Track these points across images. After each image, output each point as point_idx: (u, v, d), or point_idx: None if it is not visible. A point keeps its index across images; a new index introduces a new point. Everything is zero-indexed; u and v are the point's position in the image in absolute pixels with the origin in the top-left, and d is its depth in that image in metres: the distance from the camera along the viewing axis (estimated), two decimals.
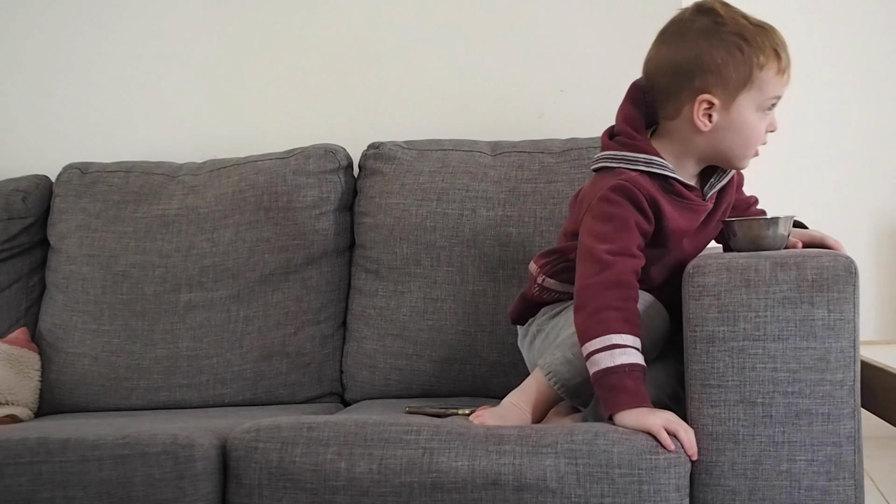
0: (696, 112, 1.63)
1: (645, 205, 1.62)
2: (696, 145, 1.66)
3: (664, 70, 1.66)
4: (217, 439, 1.58)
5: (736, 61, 1.61)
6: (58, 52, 2.55)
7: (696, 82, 1.62)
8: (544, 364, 1.66)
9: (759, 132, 1.66)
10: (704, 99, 1.62)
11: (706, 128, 1.63)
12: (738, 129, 1.64)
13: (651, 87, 1.69)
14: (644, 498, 1.45)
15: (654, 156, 1.65)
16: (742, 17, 1.65)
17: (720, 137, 1.65)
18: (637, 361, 1.52)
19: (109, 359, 2.21)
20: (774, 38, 1.65)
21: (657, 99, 1.68)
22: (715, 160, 1.69)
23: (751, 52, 1.62)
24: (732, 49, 1.62)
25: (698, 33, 1.63)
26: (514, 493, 1.46)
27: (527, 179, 2.16)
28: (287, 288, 2.21)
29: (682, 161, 1.68)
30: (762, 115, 1.66)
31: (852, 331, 1.49)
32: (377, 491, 1.48)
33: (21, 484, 1.53)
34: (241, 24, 2.52)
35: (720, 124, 1.63)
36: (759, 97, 1.64)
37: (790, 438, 1.49)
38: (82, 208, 2.31)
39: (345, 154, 2.29)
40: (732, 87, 1.62)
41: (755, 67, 1.62)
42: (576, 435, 1.48)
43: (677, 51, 1.65)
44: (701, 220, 1.70)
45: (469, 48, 2.45)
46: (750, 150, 1.67)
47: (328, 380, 2.20)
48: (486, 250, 2.13)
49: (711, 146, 1.66)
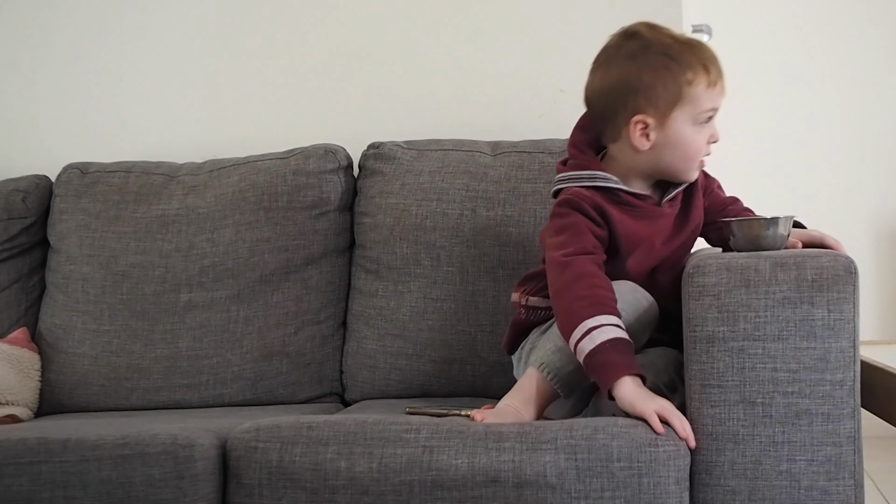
0: (633, 133, 1.69)
1: (592, 212, 1.69)
2: (639, 163, 1.73)
3: (599, 96, 1.73)
4: (217, 439, 1.57)
5: (664, 80, 1.67)
6: (58, 53, 2.55)
7: (630, 105, 1.69)
8: (536, 358, 1.66)
9: (699, 145, 1.71)
10: (639, 120, 1.69)
11: (645, 147, 1.70)
12: (675, 144, 1.70)
13: (592, 113, 1.76)
14: (644, 491, 1.45)
15: (597, 171, 1.73)
16: (668, 36, 1.71)
17: (660, 154, 1.71)
18: (617, 336, 1.55)
19: (109, 359, 2.21)
20: (702, 54, 1.70)
21: (598, 124, 1.75)
22: (660, 175, 1.75)
23: (678, 70, 1.67)
24: (659, 69, 1.67)
25: (626, 57, 1.70)
26: (514, 490, 1.46)
27: (527, 179, 2.16)
28: (287, 288, 2.21)
29: (630, 179, 1.74)
30: (699, 128, 1.70)
31: (852, 331, 1.49)
32: (377, 490, 1.49)
33: (21, 484, 1.53)
34: (242, 25, 2.52)
35: (658, 142, 1.69)
36: (692, 112, 1.68)
37: (790, 438, 1.49)
38: (82, 208, 2.31)
39: (345, 154, 2.29)
40: (664, 106, 1.67)
41: (684, 84, 1.67)
42: (575, 430, 1.49)
43: (608, 76, 1.71)
44: (670, 225, 1.75)
45: (469, 48, 2.45)
46: (692, 163, 1.73)
47: (328, 380, 2.20)
48: (486, 250, 2.13)
49: (654, 163, 1.72)
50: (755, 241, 1.63)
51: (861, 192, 3.67)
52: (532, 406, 1.65)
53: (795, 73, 3.69)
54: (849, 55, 3.68)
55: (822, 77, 3.69)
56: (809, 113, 3.70)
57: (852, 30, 3.69)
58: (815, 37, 3.69)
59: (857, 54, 3.68)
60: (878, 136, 3.67)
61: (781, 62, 3.69)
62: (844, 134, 3.68)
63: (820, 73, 3.69)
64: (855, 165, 3.67)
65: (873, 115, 3.68)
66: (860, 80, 3.68)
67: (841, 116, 3.68)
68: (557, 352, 1.64)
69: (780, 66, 3.69)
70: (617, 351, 1.54)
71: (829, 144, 3.69)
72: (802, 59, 3.69)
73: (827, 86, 3.69)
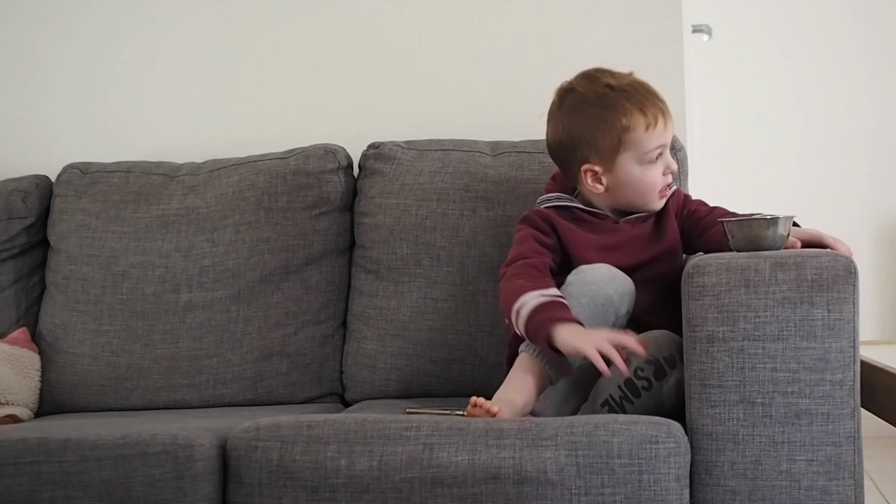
0: (585, 180, 1.82)
1: (541, 223, 1.82)
2: (603, 202, 1.85)
3: (552, 148, 1.88)
4: (217, 439, 1.58)
5: (602, 132, 1.78)
6: (58, 53, 2.55)
7: (578, 155, 1.82)
8: (524, 345, 1.69)
9: (652, 182, 1.81)
10: (587, 169, 1.81)
11: (599, 191, 1.82)
12: (628, 184, 1.81)
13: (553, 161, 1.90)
14: (644, 487, 1.46)
15: (557, 193, 1.88)
16: (604, 85, 1.81)
17: (616, 195, 1.83)
18: (539, 302, 1.64)
19: (109, 359, 2.21)
20: (638, 97, 1.79)
21: (563, 171, 1.89)
22: (626, 209, 1.86)
23: (613, 120, 1.77)
24: (595, 121, 1.79)
25: (566, 113, 1.83)
26: (514, 487, 1.46)
27: (527, 180, 2.16)
28: (287, 288, 2.21)
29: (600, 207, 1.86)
30: (649, 166, 1.80)
31: (852, 331, 1.49)
32: (378, 487, 1.49)
33: (21, 484, 1.53)
34: (242, 24, 2.52)
35: (611, 185, 1.81)
36: (636, 155, 1.79)
37: (790, 438, 1.49)
38: (82, 208, 2.31)
39: (345, 154, 2.29)
40: (607, 154, 1.79)
41: (621, 132, 1.77)
42: (576, 426, 1.49)
43: (556, 131, 1.85)
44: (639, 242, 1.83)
45: (469, 48, 2.45)
46: (650, 196, 1.83)
47: (328, 380, 2.20)
48: (486, 250, 2.13)
49: (614, 201, 1.84)
50: (755, 241, 1.63)
51: (861, 192, 3.67)
52: (524, 392, 1.66)
53: (795, 73, 3.69)
54: (849, 55, 3.68)
55: (822, 77, 3.69)
56: (809, 113, 3.70)
57: (852, 30, 3.69)
58: (814, 36, 3.69)
59: (857, 54, 3.68)
60: (878, 135, 3.67)
61: (781, 62, 3.69)
62: (844, 134, 3.68)
63: (820, 73, 3.69)
64: (855, 165, 3.68)
65: (873, 115, 3.68)
66: (860, 80, 3.68)
67: (841, 116, 3.68)
68: None
69: (780, 66, 3.69)
70: (552, 306, 1.63)
71: (828, 144, 3.69)
72: (802, 58, 3.69)
73: (827, 86, 3.69)
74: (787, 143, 3.69)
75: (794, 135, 3.70)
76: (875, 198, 3.67)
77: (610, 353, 1.56)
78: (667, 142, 1.81)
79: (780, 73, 3.69)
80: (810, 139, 3.69)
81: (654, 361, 1.62)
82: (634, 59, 2.35)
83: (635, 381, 1.62)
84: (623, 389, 1.63)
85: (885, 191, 3.67)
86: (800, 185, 3.65)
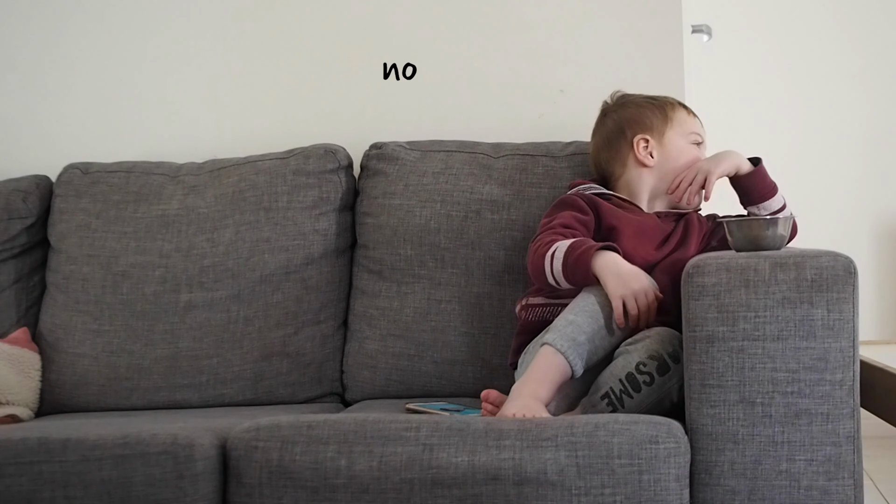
0: (638, 152, 1.97)
1: (581, 203, 1.91)
2: (644, 184, 1.97)
3: (602, 146, 2.02)
4: (217, 439, 1.58)
5: (651, 110, 1.99)
6: (58, 53, 2.55)
7: (629, 134, 1.98)
8: (548, 338, 1.69)
9: (695, 158, 1.97)
10: (641, 138, 1.98)
11: (650, 162, 1.97)
12: (676, 157, 1.97)
13: (600, 170, 2.04)
14: (644, 488, 1.46)
15: (591, 184, 1.99)
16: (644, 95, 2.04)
17: (663, 170, 1.96)
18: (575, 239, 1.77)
19: (109, 359, 2.21)
20: (672, 99, 2.03)
21: (607, 172, 2.02)
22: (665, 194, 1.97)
23: (660, 104, 2.01)
24: (643, 105, 2.01)
25: (614, 110, 2.04)
26: (514, 488, 1.46)
27: (531, 183, 2.16)
28: (287, 288, 2.21)
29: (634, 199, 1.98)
30: (692, 146, 1.99)
31: (851, 331, 1.50)
32: (377, 488, 1.49)
33: (21, 484, 1.53)
34: (242, 24, 2.52)
35: (660, 158, 1.96)
36: (681, 131, 1.99)
37: (789, 438, 1.49)
38: (82, 208, 2.31)
39: (345, 154, 2.29)
40: (657, 128, 1.98)
41: (668, 109, 2.00)
42: (576, 427, 1.49)
43: (603, 130, 2.03)
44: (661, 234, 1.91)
45: (469, 48, 2.45)
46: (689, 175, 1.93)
47: (328, 380, 2.20)
48: (491, 253, 2.13)
49: (658, 179, 1.97)
50: (755, 241, 1.63)
51: (861, 192, 3.66)
52: (546, 385, 1.66)
53: (795, 73, 3.69)
54: (848, 55, 3.68)
55: (821, 77, 3.69)
56: (809, 113, 3.69)
57: (852, 30, 3.69)
58: (814, 36, 3.69)
59: (856, 54, 3.68)
60: (878, 135, 3.67)
61: (781, 62, 3.69)
62: (844, 134, 3.68)
63: (820, 73, 3.69)
64: (855, 165, 3.67)
65: (873, 114, 3.68)
66: (860, 80, 3.68)
67: (841, 116, 3.68)
68: (569, 325, 1.68)
69: (780, 66, 3.69)
70: (582, 243, 1.75)
71: (828, 144, 3.69)
72: (802, 58, 3.69)
73: (827, 86, 3.69)
74: (786, 143, 3.69)
75: (794, 134, 3.69)
76: (875, 198, 3.67)
77: (631, 310, 1.68)
78: (703, 136, 2.01)
79: (779, 73, 3.69)
80: (810, 138, 3.68)
81: (658, 357, 1.63)
82: (634, 59, 2.37)
83: (637, 376, 1.63)
84: (624, 383, 1.63)
85: (884, 191, 3.67)
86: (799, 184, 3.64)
